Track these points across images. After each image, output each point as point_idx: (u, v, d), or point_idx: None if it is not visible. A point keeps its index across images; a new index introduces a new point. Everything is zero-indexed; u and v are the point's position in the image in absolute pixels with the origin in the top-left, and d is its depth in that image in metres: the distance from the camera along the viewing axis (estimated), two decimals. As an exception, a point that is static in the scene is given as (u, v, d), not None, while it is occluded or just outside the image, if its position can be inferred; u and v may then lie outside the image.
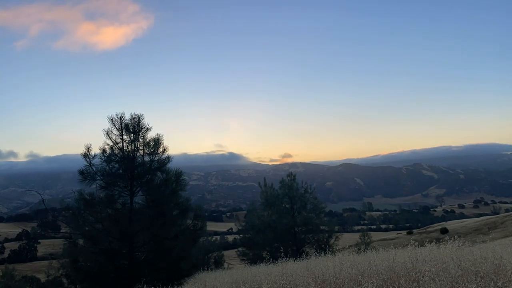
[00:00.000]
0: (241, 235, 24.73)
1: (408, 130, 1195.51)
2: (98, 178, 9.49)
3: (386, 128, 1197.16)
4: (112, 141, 9.68)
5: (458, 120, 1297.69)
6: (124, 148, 9.71)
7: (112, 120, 9.65)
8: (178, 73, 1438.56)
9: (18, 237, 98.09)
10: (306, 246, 22.03)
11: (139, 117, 9.81)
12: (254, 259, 20.32)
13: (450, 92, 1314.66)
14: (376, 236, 61.10)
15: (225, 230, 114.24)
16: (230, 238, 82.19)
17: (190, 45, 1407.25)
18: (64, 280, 31.37)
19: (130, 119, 9.76)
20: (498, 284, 4.47)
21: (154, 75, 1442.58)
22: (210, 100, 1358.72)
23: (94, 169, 9.49)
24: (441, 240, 7.24)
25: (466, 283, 4.53)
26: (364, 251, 9.00)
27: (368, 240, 46.28)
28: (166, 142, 10.02)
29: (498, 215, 55.83)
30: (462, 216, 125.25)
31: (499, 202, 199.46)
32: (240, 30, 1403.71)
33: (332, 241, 22.17)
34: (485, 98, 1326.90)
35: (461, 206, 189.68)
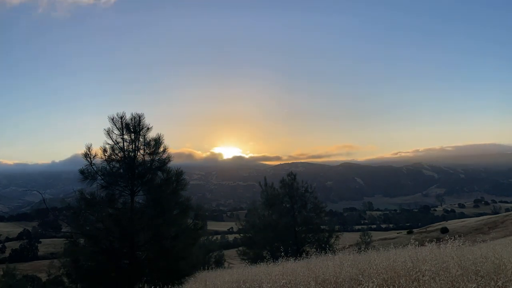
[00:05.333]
0: (241, 235, 24.78)
1: (409, 130, 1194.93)
2: (99, 177, 9.49)
3: (387, 128, 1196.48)
4: (113, 141, 9.68)
5: (459, 120, 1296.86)
6: (125, 147, 9.71)
7: (112, 119, 9.66)
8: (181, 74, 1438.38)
9: (19, 236, 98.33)
10: (307, 245, 22.05)
11: (139, 117, 9.81)
12: (254, 259, 20.34)
13: (450, 92, 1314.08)
14: (376, 235, 61.07)
15: (225, 229, 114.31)
16: (231, 237, 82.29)
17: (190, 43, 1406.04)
18: (65, 280, 31.38)
19: (131, 119, 9.76)
20: (498, 284, 4.47)
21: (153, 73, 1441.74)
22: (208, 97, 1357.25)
23: (95, 168, 9.50)
24: (441, 240, 7.25)
25: (467, 282, 4.54)
26: (364, 251, 9.02)
27: (369, 239, 46.26)
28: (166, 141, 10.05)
29: (498, 215, 55.79)
30: (463, 215, 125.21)
31: (499, 202, 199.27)
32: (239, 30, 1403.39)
33: (332, 240, 22.19)
34: (486, 98, 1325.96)
35: (462, 206, 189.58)
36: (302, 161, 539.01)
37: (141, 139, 9.83)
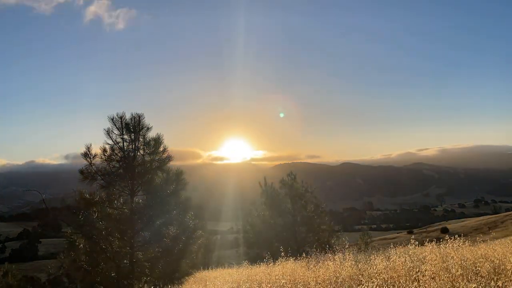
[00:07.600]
0: (241, 235, 24.77)
1: (409, 130, 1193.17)
2: (99, 177, 9.47)
3: (387, 128, 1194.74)
4: (113, 141, 9.66)
5: (459, 120, 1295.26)
6: (125, 147, 9.70)
7: (112, 119, 9.63)
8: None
9: (19, 236, 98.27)
10: (307, 245, 22.03)
11: (139, 117, 9.78)
12: (254, 259, 20.32)
13: (450, 92, 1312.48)
14: (376, 235, 61.17)
15: (225, 229, 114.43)
16: (231, 237, 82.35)
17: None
18: (65, 280, 31.45)
19: (131, 119, 9.73)
20: (498, 284, 4.46)
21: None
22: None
23: (95, 168, 9.48)
24: (441, 240, 7.23)
25: (467, 282, 4.53)
26: (364, 251, 9.01)
27: (369, 239, 46.22)
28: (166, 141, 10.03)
29: (498, 215, 55.84)
30: (463, 215, 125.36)
31: (499, 202, 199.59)
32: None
33: (332, 240, 22.16)
34: (486, 98, 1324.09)
35: (462, 206, 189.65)
36: (302, 161, 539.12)
37: (141, 139, 9.81)
